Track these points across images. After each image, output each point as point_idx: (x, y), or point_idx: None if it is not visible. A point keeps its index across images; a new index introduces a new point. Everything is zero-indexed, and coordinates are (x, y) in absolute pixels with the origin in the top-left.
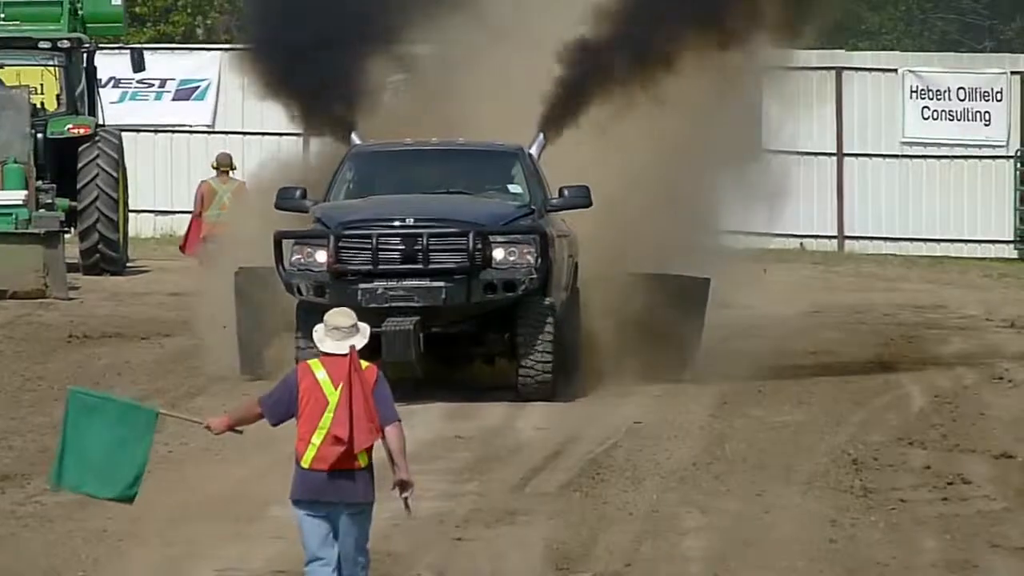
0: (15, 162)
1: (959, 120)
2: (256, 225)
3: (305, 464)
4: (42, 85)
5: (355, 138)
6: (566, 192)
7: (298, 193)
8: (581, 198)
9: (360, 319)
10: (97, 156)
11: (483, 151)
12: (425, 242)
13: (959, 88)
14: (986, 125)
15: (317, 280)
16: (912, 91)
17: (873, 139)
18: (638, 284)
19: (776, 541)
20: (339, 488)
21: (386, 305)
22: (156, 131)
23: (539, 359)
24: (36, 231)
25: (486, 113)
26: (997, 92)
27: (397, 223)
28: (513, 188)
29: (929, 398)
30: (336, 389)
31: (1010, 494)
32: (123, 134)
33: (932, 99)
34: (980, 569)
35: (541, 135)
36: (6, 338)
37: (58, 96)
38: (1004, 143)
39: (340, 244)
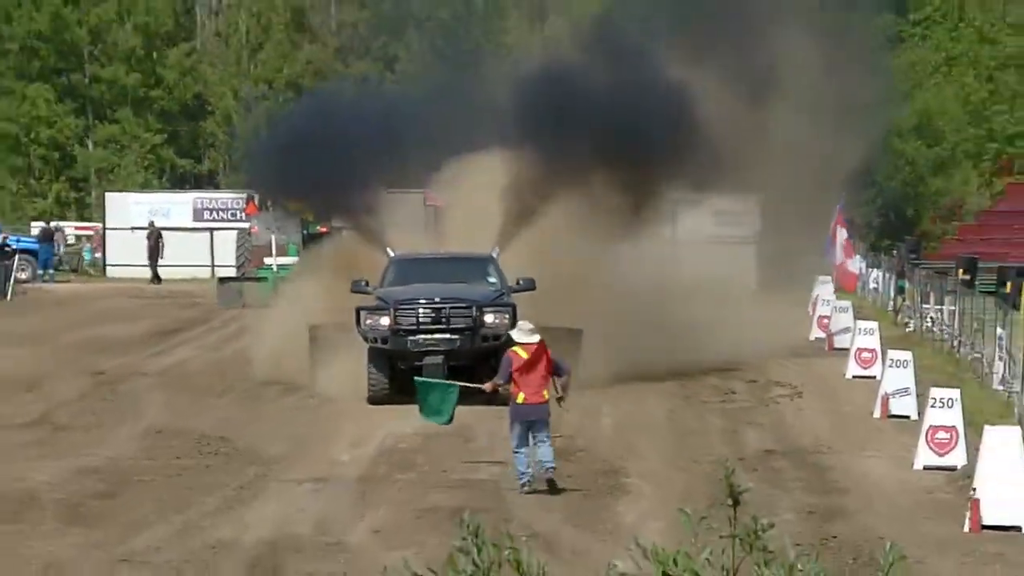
0: (292, 244)
1: (727, 223)
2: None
3: (519, 401)
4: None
5: (390, 251)
6: (521, 281)
7: (364, 283)
8: (530, 285)
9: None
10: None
11: (471, 257)
12: (447, 312)
13: (726, 207)
14: (739, 226)
15: (382, 335)
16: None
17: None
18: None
19: (645, 421)
20: (535, 411)
21: (424, 349)
22: None
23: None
24: None
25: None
26: (747, 210)
27: (426, 300)
28: (490, 279)
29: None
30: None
31: (754, 400)
32: (344, 232)
33: (715, 214)
34: (739, 434)
35: (496, 247)
36: None
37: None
38: (750, 235)
39: (397, 313)
